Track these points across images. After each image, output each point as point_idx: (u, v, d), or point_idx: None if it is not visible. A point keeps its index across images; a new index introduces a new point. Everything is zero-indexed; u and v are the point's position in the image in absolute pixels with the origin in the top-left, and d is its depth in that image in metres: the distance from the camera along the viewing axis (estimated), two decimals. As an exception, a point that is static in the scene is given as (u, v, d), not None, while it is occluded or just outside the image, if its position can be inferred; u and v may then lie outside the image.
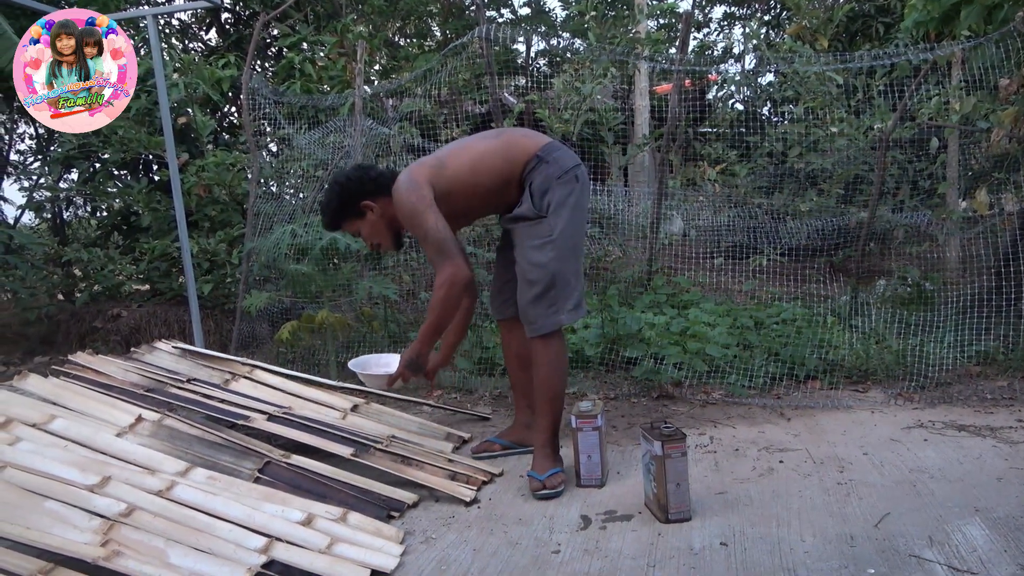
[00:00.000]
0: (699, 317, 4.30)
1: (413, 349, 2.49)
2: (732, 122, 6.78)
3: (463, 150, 2.52)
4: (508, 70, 8.82)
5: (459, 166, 2.46)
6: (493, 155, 2.48)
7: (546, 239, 2.42)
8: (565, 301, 2.45)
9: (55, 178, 6.64)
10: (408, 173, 2.44)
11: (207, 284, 5.22)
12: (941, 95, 4.83)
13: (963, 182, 5.31)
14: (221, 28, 8.85)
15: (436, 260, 2.37)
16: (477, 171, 2.46)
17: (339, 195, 2.52)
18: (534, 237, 2.42)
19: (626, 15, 9.64)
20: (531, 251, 2.42)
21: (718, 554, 1.99)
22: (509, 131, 2.64)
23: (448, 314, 2.42)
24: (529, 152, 2.47)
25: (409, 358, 2.49)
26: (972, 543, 1.97)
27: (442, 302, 2.37)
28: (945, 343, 3.81)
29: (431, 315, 2.41)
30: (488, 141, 2.53)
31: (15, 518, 1.86)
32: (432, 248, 2.36)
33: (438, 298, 2.37)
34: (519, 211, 2.45)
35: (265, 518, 2.07)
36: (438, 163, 2.46)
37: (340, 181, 2.54)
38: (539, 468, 2.49)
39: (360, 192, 2.51)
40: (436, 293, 2.37)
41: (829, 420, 3.18)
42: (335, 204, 2.54)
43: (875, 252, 5.58)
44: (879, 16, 7.68)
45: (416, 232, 2.41)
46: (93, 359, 2.97)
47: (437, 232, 2.35)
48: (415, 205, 2.36)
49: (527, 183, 2.45)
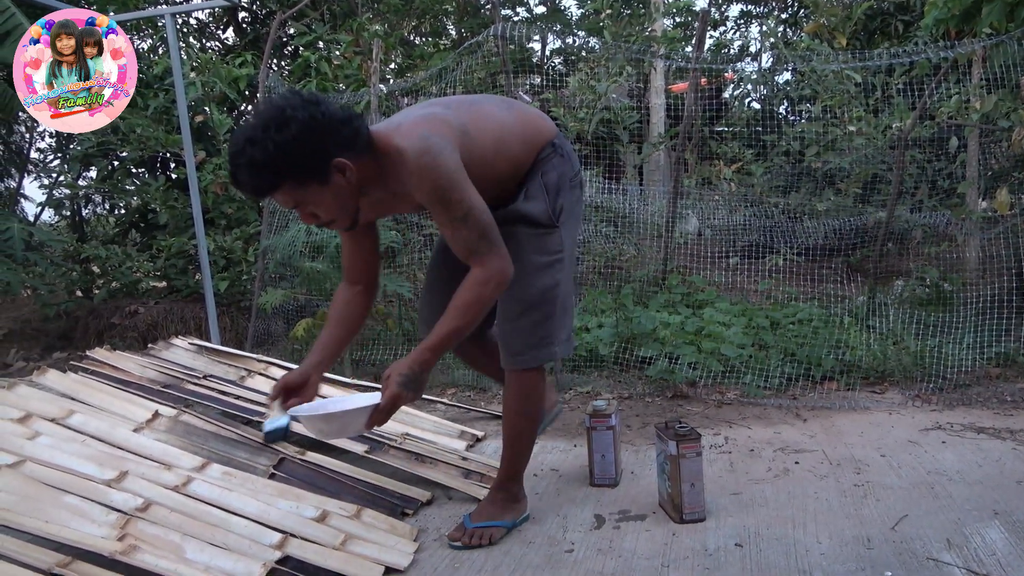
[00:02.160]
0: (714, 317, 4.28)
1: (417, 362, 1.79)
2: (748, 121, 6.73)
3: (484, 118, 1.91)
4: (523, 69, 8.80)
5: (484, 141, 1.87)
6: (511, 135, 1.94)
7: (556, 256, 1.99)
8: (561, 331, 2.04)
9: (74, 176, 6.71)
10: (431, 129, 1.77)
11: (223, 281, 5.25)
12: (961, 93, 4.78)
13: (983, 182, 5.24)
14: (238, 27, 8.90)
15: (478, 248, 1.78)
16: (499, 152, 1.90)
17: (298, 140, 1.63)
18: (542, 251, 1.97)
19: (642, 13, 9.61)
20: (537, 270, 1.96)
21: (733, 555, 1.97)
22: (519, 105, 2.08)
23: (479, 319, 1.83)
24: (546, 137, 2.00)
25: (408, 375, 1.77)
26: (991, 546, 1.94)
27: (480, 303, 1.79)
28: (964, 344, 3.77)
29: (459, 318, 1.79)
30: (503, 113, 1.97)
31: (34, 512, 1.88)
32: (475, 232, 1.77)
33: (477, 296, 1.78)
34: (527, 209, 1.95)
35: (280, 514, 2.08)
36: (462, 128, 1.82)
37: (301, 118, 1.64)
38: (476, 513, 2.11)
39: (335, 141, 1.69)
40: (476, 290, 1.78)
41: (846, 421, 3.15)
42: (289, 152, 1.63)
43: (893, 252, 5.53)
44: (898, 14, 7.60)
45: (450, 211, 1.76)
46: (111, 355, 3.00)
47: (483, 213, 1.78)
48: (454, 175, 1.74)
49: (537, 174, 1.97)
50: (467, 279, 1.80)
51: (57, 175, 6.83)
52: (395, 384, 1.75)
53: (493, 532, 2.06)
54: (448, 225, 1.79)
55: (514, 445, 2.15)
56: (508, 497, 2.17)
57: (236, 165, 1.67)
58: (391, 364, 1.80)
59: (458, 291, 1.80)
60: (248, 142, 1.64)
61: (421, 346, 1.81)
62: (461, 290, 1.80)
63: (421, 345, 1.81)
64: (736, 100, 7.75)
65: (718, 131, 7.17)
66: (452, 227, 1.79)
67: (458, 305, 1.79)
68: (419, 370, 1.78)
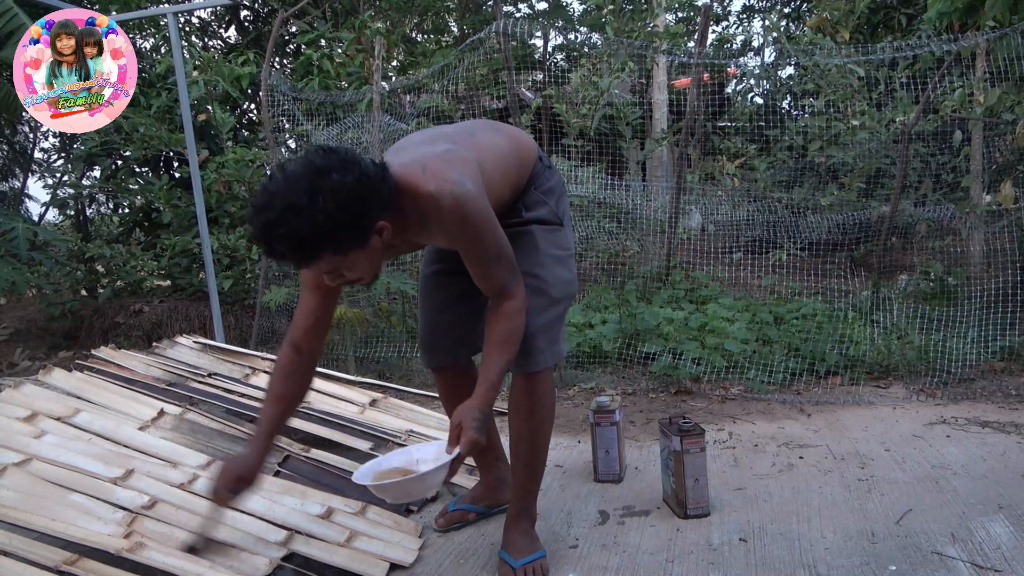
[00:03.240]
0: (718, 312, 4.28)
1: (485, 403, 1.73)
2: (751, 116, 6.72)
3: (486, 148, 1.86)
4: (525, 65, 8.79)
5: (493, 172, 1.83)
6: (509, 159, 1.91)
7: (567, 251, 1.98)
8: (562, 331, 2.02)
9: (78, 175, 6.73)
10: (463, 171, 1.70)
11: (227, 280, 5.26)
12: (965, 87, 4.76)
13: (987, 175, 5.22)
14: (240, 25, 8.91)
15: (508, 281, 1.77)
16: (504, 178, 1.88)
17: (347, 209, 1.50)
18: (556, 245, 1.95)
19: (644, 9, 9.58)
20: (556, 262, 1.94)
21: (737, 550, 1.98)
22: (505, 127, 2.05)
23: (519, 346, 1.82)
24: (535, 154, 1.99)
25: (480, 419, 1.69)
26: (996, 540, 1.94)
27: (520, 330, 1.79)
28: (968, 339, 3.76)
29: (508, 350, 1.77)
30: (498, 139, 1.93)
31: (41, 510, 1.89)
32: (505, 267, 1.76)
33: (518, 325, 1.78)
34: (533, 215, 1.94)
35: (285, 511, 2.08)
36: (480, 164, 1.78)
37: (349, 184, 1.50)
38: (514, 550, 1.93)
39: (379, 204, 1.58)
40: (517, 319, 1.77)
41: (850, 416, 3.15)
42: (338, 222, 1.50)
43: (897, 247, 5.52)
44: (902, 7, 7.57)
45: (485, 252, 1.74)
46: (116, 354, 3.01)
47: (509, 247, 1.78)
48: (489, 218, 1.72)
49: (532, 188, 1.96)
50: (501, 310, 1.78)
51: (61, 175, 6.86)
52: (472, 430, 1.66)
53: (542, 562, 1.93)
54: (481, 264, 1.76)
55: (531, 464, 1.98)
56: (532, 518, 2.02)
57: (274, 235, 1.48)
58: (457, 410, 1.71)
59: (496, 325, 1.78)
60: (291, 211, 1.46)
61: (483, 388, 1.74)
62: (499, 322, 1.77)
63: (482, 388, 1.74)
64: (739, 95, 7.75)
65: (721, 126, 7.16)
66: (485, 266, 1.76)
67: (502, 339, 1.76)
68: (487, 412, 1.73)
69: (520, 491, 1.98)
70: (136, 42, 7.74)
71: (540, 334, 1.90)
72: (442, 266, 2.07)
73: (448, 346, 2.11)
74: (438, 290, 2.10)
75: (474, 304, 2.05)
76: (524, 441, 1.94)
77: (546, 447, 2.00)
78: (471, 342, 2.10)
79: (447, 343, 2.11)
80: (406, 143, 1.89)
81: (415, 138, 1.91)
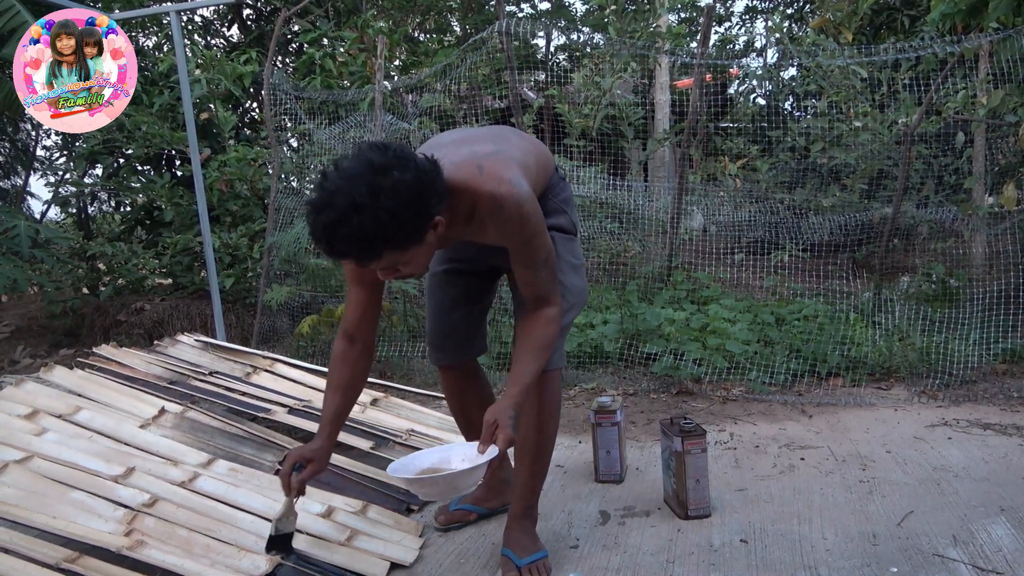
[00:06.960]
0: (719, 313, 4.27)
1: (517, 404, 1.73)
2: (753, 117, 6.72)
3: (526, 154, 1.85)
4: (528, 65, 8.80)
5: (533, 175, 1.82)
6: (538, 166, 1.90)
7: (580, 261, 2.02)
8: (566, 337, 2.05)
9: (80, 173, 6.74)
10: (520, 173, 1.73)
11: (229, 278, 5.27)
12: (968, 89, 4.75)
13: (990, 177, 5.22)
14: (243, 24, 8.91)
15: (552, 287, 1.79)
16: (537, 184, 1.85)
17: (410, 206, 1.50)
18: (572, 254, 1.99)
19: (647, 9, 9.57)
20: (573, 270, 1.97)
21: (738, 551, 1.97)
22: (528, 135, 2.11)
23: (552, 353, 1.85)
24: (553, 164, 2.01)
25: (514, 417, 1.70)
26: (997, 543, 1.94)
27: (555, 338, 1.81)
28: (970, 340, 3.76)
29: (542, 356, 1.78)
30: (526, 144, 1.93)
31: (42, 507, 1.89)
32: (549, 273, 1.78)
33: (555, 333, 1.79)
34: (555, 221, 1.94)
35: (286, 510, 2.08)
36: (524, 167, 1.78)
37: (410, 181, 1.50)
38: (518, 548, 1.93)
39: (437, 200, 1.57)
40: (554, 326, 1.79)
41: (851, 417, 3.15)
42: (403, 219, 1.50)
43: (899, 248, 5.51)
44: (904, 8, 7.57)
45: (536, 255, 1.76)
46: (117, 352, 3.01)
47: (554, 255, 1.81)
48: (542, 221, 1.74)
49: (550, 196, 1.97)
50: (541, 315, 1.79)
51: (63, 173, 6.88)
52: (508, 428, 1.65)
53: (545, 562, 1.93)
54: (529, 267, 1.77)
55: (536, 463, 1.98)
56: (534, 517, 2.02)
57: (337, 235, 1.47)
58: (488, 409, 1.71)
59: (534, 329, 1.79)
60: (354, 209, 1.44)
61: (517, 389, 1.73)
62: (537, 327, 1.79)
63: (516, 388, 1.73)
64: (741, 96, 7.75)
65: (723, 127, 7.16)
66: (533, 269, 1.77)
67: (539, 345, 1.77)
68: (518, 411, 1.73)
69: (524, 490, 1.99)
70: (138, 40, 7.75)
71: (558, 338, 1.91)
72: (452, 265, 2.07)
73: (457, 344, 2.12)
74: (448, 288, 2.09)
75: (482, 304, 2.09)
76: (530, 440, 1.94)
77: (551, 447, 2.01)
78: (478, 341, 2.15)
79: (456, 341, 2.12)
80: (436, 143, 1.88)
81: (444, 138, 1.91)
